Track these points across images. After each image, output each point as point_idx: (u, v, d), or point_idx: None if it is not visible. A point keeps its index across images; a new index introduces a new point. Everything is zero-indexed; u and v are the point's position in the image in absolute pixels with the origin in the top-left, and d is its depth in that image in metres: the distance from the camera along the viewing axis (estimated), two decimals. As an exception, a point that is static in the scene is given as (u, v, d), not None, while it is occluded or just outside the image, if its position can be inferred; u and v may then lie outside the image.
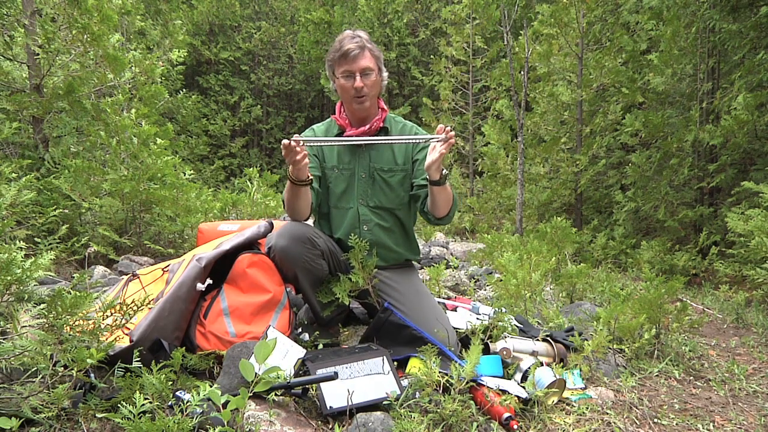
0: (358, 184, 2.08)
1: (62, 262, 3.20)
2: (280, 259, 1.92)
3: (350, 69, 1.95)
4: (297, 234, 1.92)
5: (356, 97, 1.99)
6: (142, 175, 3.52)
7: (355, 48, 1.93)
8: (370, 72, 1.98)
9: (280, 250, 1.90)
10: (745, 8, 5.58)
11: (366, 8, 13.82)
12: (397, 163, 2.09)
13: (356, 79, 1.95)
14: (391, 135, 2.10)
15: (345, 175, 2.08)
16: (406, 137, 1.98)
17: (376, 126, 2.07)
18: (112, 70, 3.99)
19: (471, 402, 1.57)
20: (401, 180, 2.10)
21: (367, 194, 2.08)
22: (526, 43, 7.70)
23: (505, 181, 9.78)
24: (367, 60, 1.97)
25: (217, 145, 16.21)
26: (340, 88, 2.01)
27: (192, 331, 1.84)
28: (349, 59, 1.94)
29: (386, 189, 2.09)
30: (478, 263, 4.22)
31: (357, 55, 1.94)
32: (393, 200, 2.10)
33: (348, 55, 1.93)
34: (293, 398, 1.59)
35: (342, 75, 1.98)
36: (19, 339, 1.35)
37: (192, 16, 15.47)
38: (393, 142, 2.08)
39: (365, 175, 2.07)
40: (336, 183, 2.09)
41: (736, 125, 5.62)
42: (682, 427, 1.70)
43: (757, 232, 3.76)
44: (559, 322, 2.37)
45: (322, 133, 2.15)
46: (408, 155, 2.11)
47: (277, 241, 1.91)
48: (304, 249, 1.92)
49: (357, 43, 1.94)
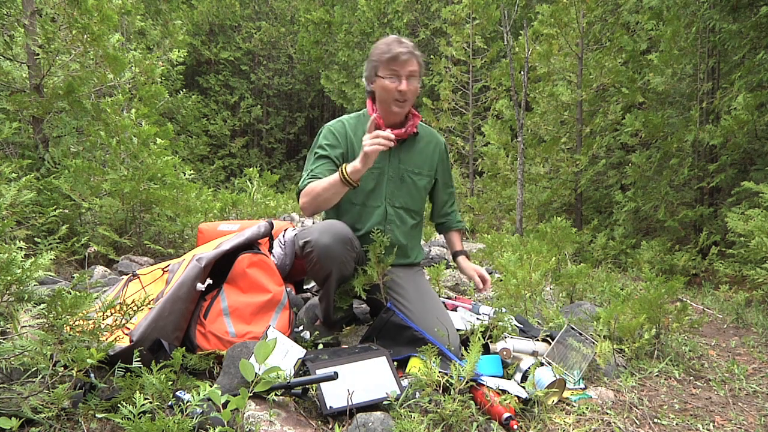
0: (386, 184, 2.11)
1: (62, 262, 3.20)
2: (320, 256, 1.88)
3: (398, 72, 1.98)
4: (341, 234, 1.90)
5: (397, 100, 2.01)
6: (142, 175, 3.52)
7: (405, 52, 1.96)
8: (415, 77, 2.02)
9: (323, 248, 1.86)
10: (745, 8, 5.58)
11: (366, 8, 13.83)
12: (424, 167, 2.18)
13: (402, 82, 1.98)
14: (420, 139, 2.19)
15: (374, 174, 2.09)
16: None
17: (410, 131, 2.11)
18: (112, 70, 3.99)
19: (471, 402, 1.57)
20: (426, 184, 2.21)
21: (394, 194, 2.12)
22: (526, 43, 7.70)
23: (505, 181, 9.79)
24: (415, 65, 2.01)
25: (217, 145, 16.23)
26: (383, 88, 2.01)
27: (192, 331, 1.84)
28: (399, 62, 1.96)
29: (413, 190, 2.16)
30: (478, 263, 4.22)
31: (407, 60, 1.97)
32: (417, 202, 2.18)
33: (398, 59, 1.96)
34: (293, 398, 1.59)
35: (388, 76, 1.99)
36: (19, 339, 1.35)
37: (192, 16, 15.49)
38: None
39: (394, 175, 2.12)
40: (365, 181, 2.09)
41: (736, 125, 5.62)
42: (682, 427, 1.70)
43: (757, 232, 3.76)
44: (559, 322, 2.37)
45: (351, 127, 2.13)
46: (434, 164, 2.22)
47: (319, 238, 1.87)
48: (344, 250, 1.90)
49: (407, 48, 1.98)
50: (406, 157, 2.14)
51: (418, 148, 2.18)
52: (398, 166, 2.13)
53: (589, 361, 1.99)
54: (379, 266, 2.02)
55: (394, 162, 2.12)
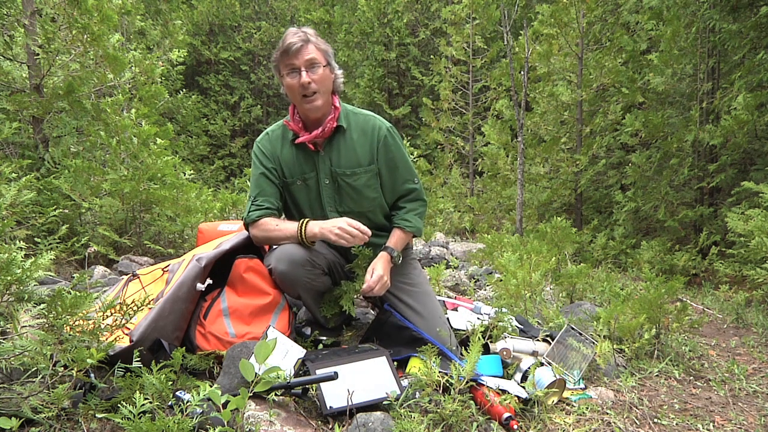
0: (323, 192, 1.95)
1: (62, 262, 3.20)
2: (281, 282, 1.90)
3: (294, 64, 1.79)
4: (295, 258, 1.85)
5: (304, 96, 1.81)
6: (142, 175, 3.52)
7: (297, 42, 1.77)
8: (316, 65, 1.80)
9: (280, 274, 1.87)
10: (745, 8, 5.58)
11: (366, 8, 13.82)
12: (361, 163, 1.93)
13: (302, 74, 1.79)
14: (349, 132, 1.93)
15: (309, 185, 1.95)
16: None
17: (330, 126, 1.89)
18: (112, 70, 3.98)
19: (471, 402, 1.57)
20: (367, 181, 1.94)
21: (335, 200, 1.96)
22: (526, 43, 7.70)
23: (505, 181, 9.78)
24: (312, 52, 1.80)
25: (217, 145, 16.22)
26: (288, 87, 1.84)
27: (192, 332, 1.84)
28: (291, 54, 1.78)
29: (352, 193, 1.94)
30: (478, 263, 4.22)
31: (300, 48, 1.77)
32: (362, 204, 1.96)
33: (290, 50, 1.77)
34: (293, 398, 1.59)
35: (287, 73, 1.81)
36: (19, 339, 1.35)
37: (192, 16, 15.48)
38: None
39: (329, 180, 1.94)
40: (301, 195, 1.97)
41: (736, 125, 5.62)
42: (682, 427, 1.70)
43: (757, 232, 3.76)
44: (559, 322, 2.37)
45: (277, 140, 1.98)
46: (373, 155, 1.94)
47: (276, 266, 1.86)
48: (303, 271, 1.87)
49: (300, 37, 1.79)
50: (337, 157, 1.92)
51: (348, 143, 1.93)
52: (330, 170, 1.92)
53: (589, 361, 1.99)
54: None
55: (324, 166, 1.92)
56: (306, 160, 1.95)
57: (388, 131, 1.96)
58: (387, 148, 1.95)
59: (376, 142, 1.94)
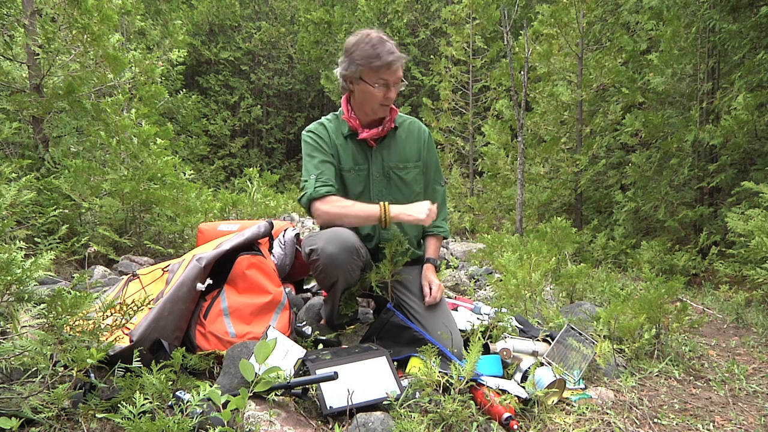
0: (373, 185, 2.10)
1: (62, 262, 3.20)
2: (326, 265, 1.87)
3: (388, 80, 1.97)
4: (347, 243, 1.88)
5: (384, 105, 2.02)
6: (142, 175, 3.52)
7: (395, 60, 1.95)
8: (401, 81, 2.02)
9: (328, 257, 1.85)
10: (745, 8, 5.58)
11: (366, 8, 13.82)
12: (410, 159, 2.14)
13: (391, 90, 1.98)
14: (399, 132, 2.15)
15: (361, 176, 2.10)
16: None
17: (389, 126, 2.10)
18: (112, 70, 3.98)
19: (471, 402, 1.57)
20: (416, 176, 2.15)
21: (383, 193, 2.10)
22: (526, 43, 7.69)
23: (505, 181, 9.77)
24: (401, 70, 2.00)
25: (217, 145, 16.22)
26: (368, 94, 1.99)
27: (192, 332, 1.84)
28: (391, 71, 1.95)
29: (402, 186, 2.12)
30: (478, 263, 4.22)
31: (397, 67, 1.96)
32: (409, 197, 2.11)
33: (391, 67, 1.94)
34: (293, 398, 1.59)
35: (375, 83, 1.96)
36: (19, 339, 1.35)
37: (192, 16, 15.48)
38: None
39: (379, 174, 2.10)
40: (353, 184, 2.09)
41: (736, 125, 5.62)
42: (682, 427, 1.70)
43: (757, 232, 3.76)
44: (559, 322, 2.37)
45: (333, 131, 2.12)
46: (420, 152, 2.17)
47: (325, 247, 1.85)
48: (350, 259, 1.89)
49: (396, 55, 1.95)
50: (389, 153, 2.12)
51: (399, 141, 2.14)
52: (382, 164, 2.10)
53: (589, 361, 1.99)
54: (392, 264, 2.03)
55: (377, 161, 2.10)
56: (359, 153, 2.10)
57: (428, 134, 2.22)
58: (429, 149, 2.21)
59: (422, 142, 2.18)
